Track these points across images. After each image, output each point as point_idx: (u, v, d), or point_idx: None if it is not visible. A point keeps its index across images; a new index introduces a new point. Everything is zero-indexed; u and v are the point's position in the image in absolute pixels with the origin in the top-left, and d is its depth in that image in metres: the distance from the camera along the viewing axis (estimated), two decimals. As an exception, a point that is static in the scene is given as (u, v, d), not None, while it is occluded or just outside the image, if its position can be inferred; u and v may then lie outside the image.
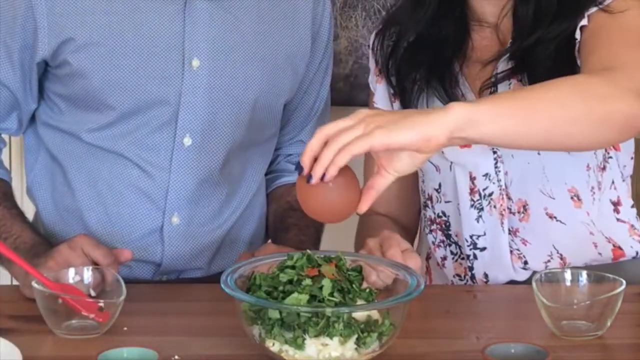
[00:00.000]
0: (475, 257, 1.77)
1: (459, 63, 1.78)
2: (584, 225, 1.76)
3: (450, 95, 1.76)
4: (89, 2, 1.68)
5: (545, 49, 1.68)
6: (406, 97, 1.82)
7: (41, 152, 1.81)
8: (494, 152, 1.74)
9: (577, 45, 1.64)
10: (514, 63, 1.72)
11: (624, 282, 1.44)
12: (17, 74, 1.72)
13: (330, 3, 1.92)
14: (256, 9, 1.77)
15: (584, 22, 1.63)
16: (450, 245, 1.82)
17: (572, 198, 1.75)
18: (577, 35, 1.64)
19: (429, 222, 1.85)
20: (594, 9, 1.62)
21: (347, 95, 2.33)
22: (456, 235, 1.81)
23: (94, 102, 1.71)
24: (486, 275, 1.77)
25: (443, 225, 1.82)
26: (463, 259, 1.80)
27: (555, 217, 1.75)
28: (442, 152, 1.75)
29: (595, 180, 1.76)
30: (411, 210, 1.94)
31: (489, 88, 1.73)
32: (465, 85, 1.77)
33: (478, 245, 1.77)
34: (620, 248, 1.76)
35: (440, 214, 1.82)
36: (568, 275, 1.50)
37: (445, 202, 1.80)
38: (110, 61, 1.68)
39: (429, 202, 1.83)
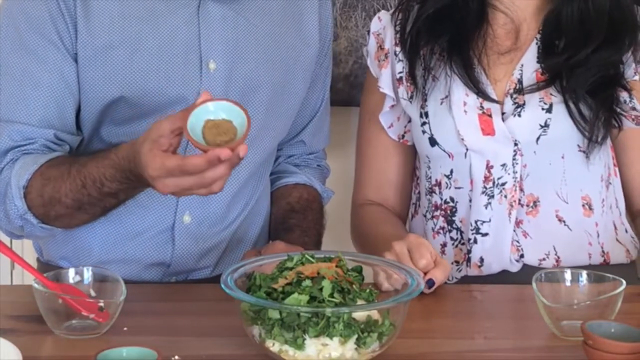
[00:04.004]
0: (475, 241, 1.78)
1: (476, 42, 1.80)
2: (587, 235, 1.78)
3: (470, 75, 1.77)
4: (105, 5, 1.67)
5: (588, 73, 1.74)
6: (419, 75, 1.83)
7: None
8: (515, 144, 1.75)
9: (624, 100, 1.75)
10: (547, 74, 1.77)
11: (623, 282, 1.44)
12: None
13: (330, 3, 1.92)
14: (267, 11, 1.78)
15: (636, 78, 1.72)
16: (450, 231, 1.83)
17: (583, 206, 1.77)
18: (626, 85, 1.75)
19: (432, 208, 1.85)
20: None
21: (347, 95, 2.33)
22: (460, 221, 1.81)
23: (112, 103, 1.70)
24: (482, 260, 1.78)
25: (448, 212, 1.82)
26: (463, 244, 1.81)
27: (564, 221, 1.77)
28: (462, 139, 1.76)
29: (604, 193, 1.79)
30: (404, 197, 1.95)
31: (516, 93, 1.77)
32: (480, 72, 1.79)
33: (481, 231, 1.78)
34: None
35: (448, 200, 1.82)
36: (568, 275, 1.50)
37: (456, 188, 1.81)
38: (130, 64, 1.68)
39: (436, 188, 1.84)
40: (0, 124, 1.68)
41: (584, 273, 1.50)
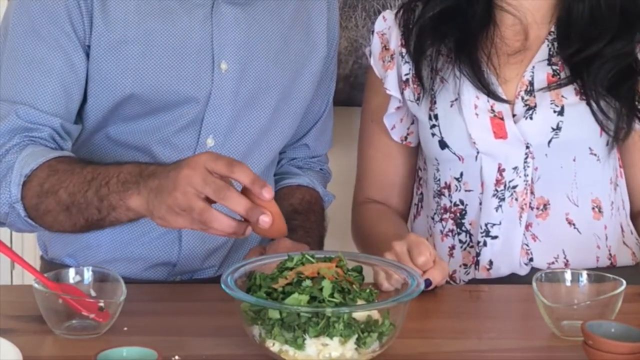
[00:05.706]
0: (485, 244, 1.78)
1: (484, 43, 1.79)
2: (595, 238, 1.78)
3: (479, 76, 1.77)
4: (121, 0, 1.68)
5: (605, 67, 1.73)
6: (425, 76, 1.82)
7: None
8: (527, 147, 1.75)
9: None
10: (558, 75, 1.76)
11: (624, 282, 1.44)
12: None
13: (337, 7, 1.93)
14: (278, 14, 1.79)
15: None
16: (459, 234, 1.82)
17: (593, 209, 1.77)
18: None
19: (441, 211, 1.84)
20: None
21: (347, 95, 2.33)
22: (470, 224, 1.81)
23: (123, 99, 1.70)
24: (491, 263, 1.77)
25: (457, 214, 1.82)
26: (472, 247, 1.81)
27: (574, 224, 1.76)
28: (474, 142, 1.76)
29: (613, 196, 1.79)
30: (405, 197, 1.95)
31: (527, 95, 1.76)
32: (490, 73, 1.78)
33: (491, 233, 1.77)
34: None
35: (458, 203, 1.82)
36: (568, 275, 1.50)
37: (466, 191, 1.80)
38: (143, 60, 1.68)
39: (445, 191, 1.83)
40: (8, 104, 1.66)
41: (584, 273, 1.50)
